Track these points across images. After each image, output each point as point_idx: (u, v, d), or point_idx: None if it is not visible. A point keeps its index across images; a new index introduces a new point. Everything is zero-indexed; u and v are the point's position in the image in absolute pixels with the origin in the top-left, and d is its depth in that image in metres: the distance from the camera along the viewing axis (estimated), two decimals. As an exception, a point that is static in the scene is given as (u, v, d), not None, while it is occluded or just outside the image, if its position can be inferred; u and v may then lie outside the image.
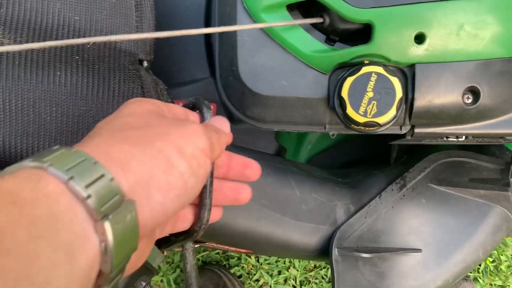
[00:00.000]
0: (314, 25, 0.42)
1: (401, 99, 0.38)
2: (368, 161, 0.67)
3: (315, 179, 0.50)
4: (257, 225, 0.45)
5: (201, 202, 0.31)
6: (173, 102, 0.38)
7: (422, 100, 0.40)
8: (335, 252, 0.46)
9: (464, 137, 0.45)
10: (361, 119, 0.39)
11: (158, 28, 0.44)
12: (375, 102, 0.38)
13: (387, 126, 0.39)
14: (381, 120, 0.39)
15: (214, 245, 0.50)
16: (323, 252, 0.47)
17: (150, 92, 0.36)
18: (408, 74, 0.40)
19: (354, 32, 0.41)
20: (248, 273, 0.84)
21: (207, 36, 0.65)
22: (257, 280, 0.84)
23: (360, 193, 0.51)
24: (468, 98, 0.41)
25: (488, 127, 0.43)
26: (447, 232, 0.50)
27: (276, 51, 0.41)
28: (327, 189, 0.49)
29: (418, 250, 0.49)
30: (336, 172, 0.56)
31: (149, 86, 0.36)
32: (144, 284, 0.44)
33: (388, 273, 0.48)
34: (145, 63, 0.40)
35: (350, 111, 0.39)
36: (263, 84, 0.42)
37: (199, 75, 0.66)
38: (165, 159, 0.26)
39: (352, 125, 0.40)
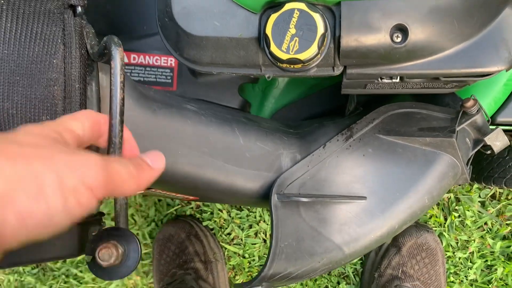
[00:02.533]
0: (245, -36, 0.42)
1: (322, 35, 0.39)
2: (329, 115, 0.68)
3: (262, 129, 0.50)
4: (199, 171, 0.46)
5: (108, 141, 0.32)
6: (97, 45, 0.39)
7: (348, 39, 0.40)
8: (274, 197, 0.47)
9: (398, 78, 0.45)
10: (283, 56, 0.39)
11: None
12: (297, 38, 0.39)
13: (312, 65, 0.40)
14: (302, 56, 0.39)
15: (161, 191, 0.51)
16: (263, 196, 0.49)
17: (70, 34, 0.36)
18: (336, 12, 0.40)
19: (283, -30, 0.41)
20: (220, 227, 0.86)
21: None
22: (229, 234, 0.86)
23: (309, 142, 0.52)
24: (397, 36, 0.41)
25: (419, 67, 0.43)
26: (393, 180, 0.51)
27: (208, -9, 0.42)
28: (274, 138, 0.50)
29: (363, 198, 0.50)
30: (289, 123, 0.57)
31: (71, 29, 0.37)
32: (96, 231, 0.44)
33: (331, 219, 0.49)
34: (79, 9, 0.41)
35: (273, 48, 0.39)
36: (196, 25, 0.43)
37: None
38: (37, 185, 0.23)
39: (278, 63, 0.41)
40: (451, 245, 0.80)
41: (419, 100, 0.59)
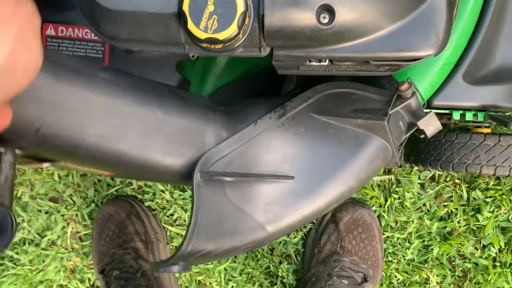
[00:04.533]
0: None
1: (242, 14, 0.37)
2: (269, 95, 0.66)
3: (185, 103, 0.48)
4: (108, 144, 0.43)
5: None
6: None
7: (272, 18, 0.38)
8: (197, 176, 0.45)
9: (327, 60, 0.44)
10: (201, 35, 0.37)
11: None
12: (215, 16, 0.36)
13: (235, 46, 0.38)
14: (221, 36, 0.37)
15: (70, 165, 0.48)
16: (188, 177, 0.47)
17: None
18: (259, -10, 0.38)
19: None
20: (163, 208, 0.84)
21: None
22: (172, 215, 0.84)
23: (237, 120, 0.50)
24: (324, 17, 0.39)
25: (348, 49, 0.42)
26: (322, 160, 0.50)
27: (123, -39, 0.39)
28: (197, 113, 0.48)
29: (291, 177, 0.49)
30: (220, 100, 0.54)
31: None
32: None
33: (256, 199, 0.47)
34: None
35: (191, 26, 0.37)
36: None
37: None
38: None
39: (197, 43, 0.38)
40: (391, 226, 0.82)
41: (357, 81, 0.58)
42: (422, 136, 0.55)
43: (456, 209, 0.81)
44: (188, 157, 0.46)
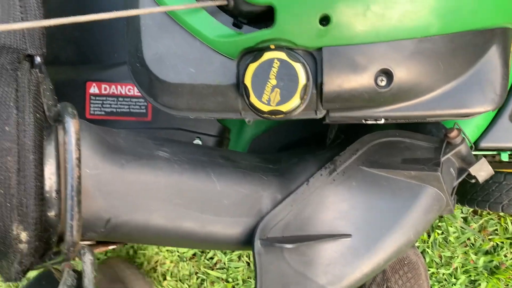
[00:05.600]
0: (221, 7, 0.40)
1: (304, 86, 0.37)
2: (308, 142, 0.66)
3: (240, 171, 0.48)
4: (174, 225, 0.43)
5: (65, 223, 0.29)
6: (55, 105, 0.36)
7: (331, 85, 0.38)
8: (257, 244, 0.45)
9: (383, 119, 0.44)
10: (265, 108, 0.37)
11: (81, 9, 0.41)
12: (278, 89, 0.37)
13: (294, 114, 0.38)
14: (284, 108, 0.37)
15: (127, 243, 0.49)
16: (245, 242, 0.47)
17: (24, 96, 0.33)
18: (317, 58, 0.38)
19: (261, 14, 0.39)
20: (202, 252, 0.84)
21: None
22: (211, 258, 0.84)
23: (289, 180, 0.50)
24: (381, 80, 0.39)
25: (404, 109, 0.42)
26: (377, 215, 0.50)
27: (181, 36, 0.39)
28: (252, 180, 0.48)
29: (348, 236, 0.48)
30: (268, 158, 0.55)
31: (25, 89, 0.34)
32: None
33: (316, 261, 0.47)
34: (37, 59, 0.38)
35: (253, 99, 0.37)
36: (169, 71, 0.40)
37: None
38: None
39: (259, 114, 0.39)
40: (435, 262, 0.80)
41: (402, 127, 0.58)
42: (473, 181, 0.54)
43: (502, 242, 0.79)
44: (248, 225, 0.46)
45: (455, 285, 0.80)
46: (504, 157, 0.60)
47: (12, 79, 0.34)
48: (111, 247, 0.45)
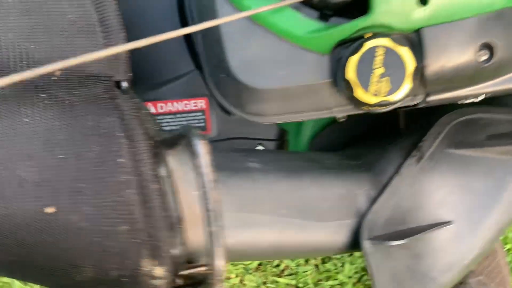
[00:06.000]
0: (303, 2, 0.38)
1: (415, 69, 0.35)
2: (375, 133, 0.63)
3: (329, 171, 0.46)
4: (281, 237, 0.41)
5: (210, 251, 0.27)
6: (160, 129, 0.34)
7: (433, 67, 0.36)
8: (366, 244, 0.43)
9: (483, 96, 0.42)
10: (373, 100, 0.35)
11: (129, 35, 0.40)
12: (386, 79, 0.35)
13: (404, 101, 0.36)
14: (395, 96, 0.35)
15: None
16: (352, 246, 0.45)
17: (130, 124, 0.31)
18: (414, 40, 0.36)
19: (349, 3, 0.37)
20: (268, 260, 0.82)
21: (184, 26, 0.60)
22: (277, 265, 0.81)
23: (378, 174, 0.48)
24: (483, 55, 0.37)
25: (506, 82, 0.40)
26: (474, 197, 0.48)
27: (268, 39, 0.37)
28: (344, 179, 0.46)
29: (449, 222, 0.46)
30: (348, 154, 0.53)
31: (129, 116, 0.32)
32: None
33: (423, 254, 0.45)
34: (124, 84, 0.36)
35: (359, 93, 0.35)
36: (259, 77, 0.38)
37: (183, 69, 0.62)
38: None
39: (363, 107, 0.37)
40: (510, 237, 0.78)
41: (475, 103, 0.56)
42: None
43: None
44: (350, 226, 0.44)
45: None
46: None
47: (112, 107, 0.32)
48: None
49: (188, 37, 0.59)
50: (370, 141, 0.58)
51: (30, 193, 0.31)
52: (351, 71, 0.35)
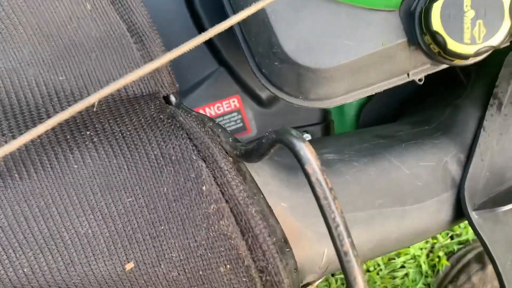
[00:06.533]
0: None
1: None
2: (430, 92, 0.58)
3: (409, 144, 0.41)
4: (383, 231, 0.36)
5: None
6: (236, 140, 0.29)
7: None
8: (473, 216, 0.38)
9: None
10: (470, 50, 0.30)
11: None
12: (480, 21, 0.29)
13: (503, 43, 0.30)
14: (495, 40, 0.29)
15: None
16: (456, 219, 0.39)
17: (203, 142, 0.26)
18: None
19: None
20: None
21: (196, 22, 0.54)
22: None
23: (460, 135, 0.42)
24: None
25: None
26: None
27: (323, 8, 0.32)
28: (428, 148, 0.41)
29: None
30: (414, 120, 0.47)
31: (199, 134, 0.26)
32: None
33: None
34: (173, 98, 0.30)
35: (453, 44, 0.29)
36: (321, 56, 0.32)
37: (206, 70, 0.56)
38: None
39: (456, 60, 0.31)
40: None
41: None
42: None
43: None
44: (450, 199, 0.39)
45: None
46: None
47: (176, 128, 0.27)
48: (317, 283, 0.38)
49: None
50: (429, 102, 0.52)
51: (101, 251, 0.26)
52: (437, 21, 0.29)
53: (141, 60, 0.29)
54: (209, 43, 0.54)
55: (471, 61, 0.31)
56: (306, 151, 0.22)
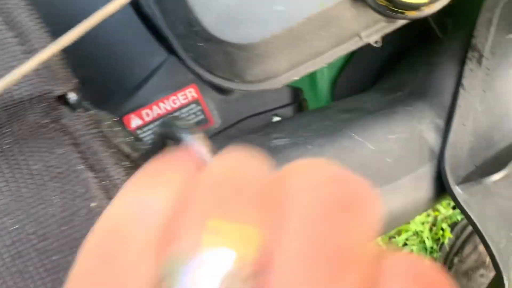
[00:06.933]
0: None
1: None
2: (405, 53, 0.52)
3: (377, 115, 0.35)
4: None
5: None
6: (131, 135, 0.24)
7: None
8: (457, 191, 0.33)
9: None
10: (422, -3, 0.24)
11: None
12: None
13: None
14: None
15: None
16: (437, 197, 0.34)
17: (90, 146, 0.21)
18: None
19: None
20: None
21: (138, 10, 0.49)
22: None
23: (436, 96, 0.37)
24: None
25: None
26: None
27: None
28: (399, 118, 0.35)
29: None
30: (386, 87, 0.42)
31: (87, 137, 0.22)
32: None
33: None
34: (71, 96, 0.25)
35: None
36: (250, 28, 0.27)
37: (155, 61, 0.50)
38: None
39: (409, 12, 0.25)
40: None
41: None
42: None
43: None
44: (429, 173, 0.34)
45: None
46: None
47: (60, 133, 0.22)
48: None
49: (147, 23, 0.47)
50: (403, 65, 0.47)
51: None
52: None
53: (23, 56, 0.24)
54: (154, 30, 0.49)
55: (428, 10, 0.26)
56: (195, 143, 0.17)
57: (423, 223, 0.68)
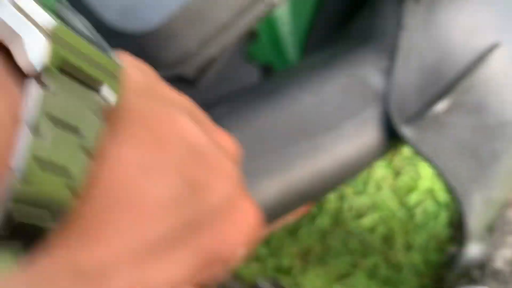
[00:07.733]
0: None
1: None
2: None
3: (317, 70, 0.35)
4: (294, 174, 0.31)
5: None
6: None
7: None
8: (405, 132, 0.32)
9: None
10: None
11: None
12: None
13: None
14: None
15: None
16: (386, 141, 0.33)
17: None
18: None
19: None
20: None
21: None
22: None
23: (377, 38, 0.36)
24: None
25: None
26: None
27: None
28: (339, 65, 0.34)
29: (497, 45, 0.34)
30: (335, 37, 0.41)
31: None
32: None
33: (486, 102, 0.34)
34: None
35: None
36: (149, 14, 0.27)
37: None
38: None
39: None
40: None
41: None
42: None
43: None
44: (373, 117, 0.33)
45: None
46: None
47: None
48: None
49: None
50: (358, 12, 0.46)
51: None
52: None
53: None
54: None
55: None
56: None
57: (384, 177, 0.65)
